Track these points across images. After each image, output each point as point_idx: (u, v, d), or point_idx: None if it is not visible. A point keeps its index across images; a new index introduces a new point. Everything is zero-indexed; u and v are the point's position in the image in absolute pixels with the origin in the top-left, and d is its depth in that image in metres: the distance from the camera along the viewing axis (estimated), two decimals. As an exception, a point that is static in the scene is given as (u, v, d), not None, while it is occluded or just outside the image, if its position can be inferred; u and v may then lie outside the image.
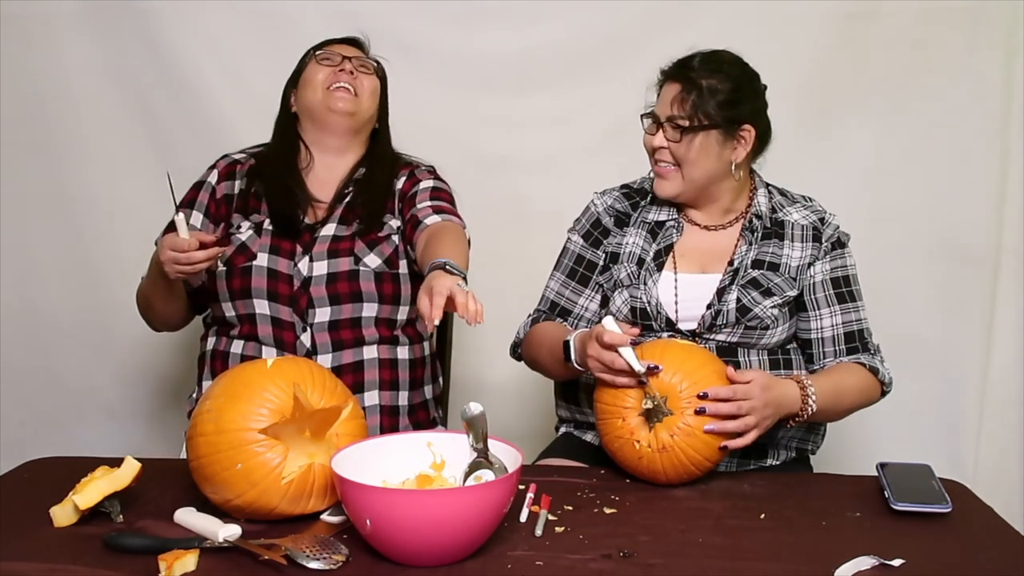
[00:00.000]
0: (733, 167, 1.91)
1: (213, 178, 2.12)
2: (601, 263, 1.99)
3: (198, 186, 2.12)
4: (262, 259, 2.00)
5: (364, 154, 2.15)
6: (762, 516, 1.58)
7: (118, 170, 2.69)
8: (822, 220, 1.96)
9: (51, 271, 2.74)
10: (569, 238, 2.04)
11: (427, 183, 2.11)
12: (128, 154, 2.68)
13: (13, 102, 2.66)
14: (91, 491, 1.51)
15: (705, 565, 1.41)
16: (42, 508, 1.54)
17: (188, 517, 1.52)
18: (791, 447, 1.95)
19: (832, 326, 1.92)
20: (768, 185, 2.01)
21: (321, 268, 2.00)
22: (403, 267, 2.06)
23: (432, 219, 2.00)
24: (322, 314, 1.99)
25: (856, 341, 1.92)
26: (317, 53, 2.12)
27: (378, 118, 2.16)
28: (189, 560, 1.38)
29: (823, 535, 1.52)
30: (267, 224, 2.04)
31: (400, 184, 2.13)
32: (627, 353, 1.65)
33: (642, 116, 1.94)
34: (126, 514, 1.55)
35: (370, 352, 2.03)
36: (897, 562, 1.40)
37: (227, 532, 1.44)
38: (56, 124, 2.68)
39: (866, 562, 1.40)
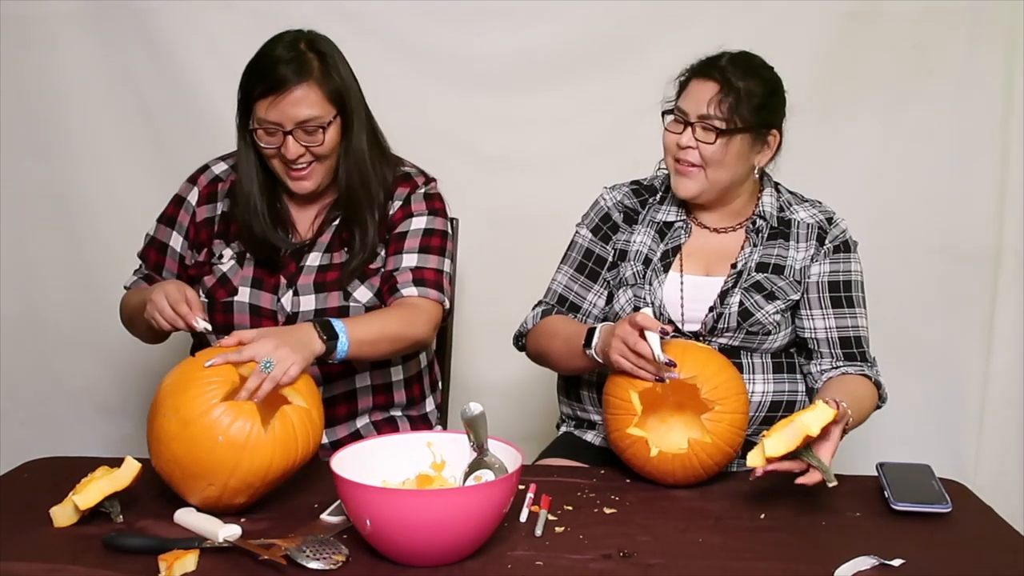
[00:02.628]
0: (756, 171, 1.91)
1: (193, 197, 2.00)
2: (610, 259, 1.98)
3: (178, 202, 2.01)
4: (243, 294, 1.91)
5: (347, 168, 1.92)
6: (762, 516, 1.58)
7: (117, 170, 2.69)
8: (829, 220, 1.95)
9: (50, 271, 2.74)
10: (577, 231, 2.03)
11: (419, 222, 1.94)
12: (127, 154, 2.68)
13: (13, 102, 2.66)
14: (91, 491, 1.52)
15: (705, 565, 1.41)
16: (42, 508, 1.54)
17: (188, 517, 1.52)
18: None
19: (826, 328, 1.89)
20: (777, 185, 2.00)
21: (308, 303, 1.90)
22: None
23: (408, 291, 1.88)
24: None
25: (853, 348, 1.89)
26: (256, 120, 1.85)
27: (346, 124, 1.88)
28: (189, 560, 1.38)
29: (823, 535, 1.52)
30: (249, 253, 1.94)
31: (393, 209, 1.96)
32: (653, 339, 1.64)
33: (664, 112, 1.90)
34: (126, 514, 1.55)
35: (362, 380, 1.96)
36: (897, 562, 1.40)
37: (227, 532, 1.44)
38: (55, 124, 2.67)
39: (866, 562, 1.40)
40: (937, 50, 2.57)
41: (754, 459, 1.56)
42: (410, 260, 1.92)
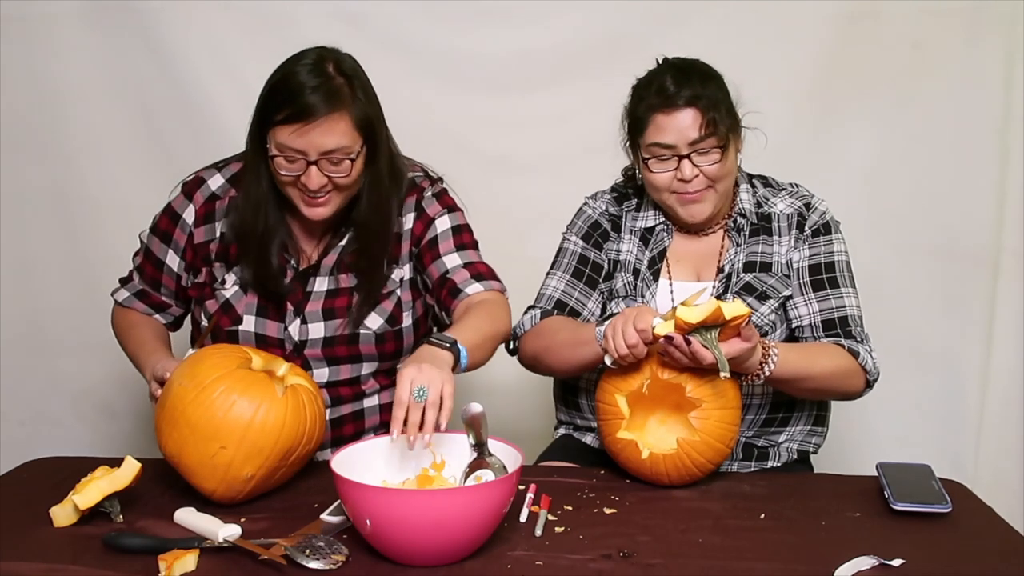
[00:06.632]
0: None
1: (189, 216, 1.90)
2: (606, 267, 1.96)
3: (173, 217, 1.92)
4: (248, 323, 1.85)
5: (370, 202, 1.85)
6: (762, 516, 1.58)
7: (117, 170, 2.69)
8: (808, 206, 1.93)
9: (50, 271, 2.74)
10: (566, 238, 2.01)
11: (444, 223, 1.89)
12: (127, 154, 2.68)
13: (13, 102, 2.66)
14: (91, 491, 1.52)
15: (705, 565, 1.41)
16: (42, 508, 1.54)
17: (188, 517, 1.52)
18: (792, 450, 1.94)
19: (810, 314, 1.86)
20: (751, 178, 1.99)
21: (317, 331, 1.85)
22: (407, 319, 1.89)
23: (473, 288, 1.82)
24: (319, 375, 1.85)
25: (837, 328, 1.84)
26: (276, 146, 1.74)
27: (371, 152, 1.80)
28: (189, 560, 1.38)
29: (823, 535, 1.52)
30: None
31: (409, 223, 1.90)
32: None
33: (646, 157, 1.85)
34: (126, 514, 1.55)
35: (370, 401, 1.93)
36: (897, 562, 1.40)
37: (227, 532, 1.44)
38: (56, 124, 2.68)
39: (866, 562, 1.40)
40: (937, 49, 2.57)
41: (665, 327, 1.60)
42: (454, 260, 1.87)
